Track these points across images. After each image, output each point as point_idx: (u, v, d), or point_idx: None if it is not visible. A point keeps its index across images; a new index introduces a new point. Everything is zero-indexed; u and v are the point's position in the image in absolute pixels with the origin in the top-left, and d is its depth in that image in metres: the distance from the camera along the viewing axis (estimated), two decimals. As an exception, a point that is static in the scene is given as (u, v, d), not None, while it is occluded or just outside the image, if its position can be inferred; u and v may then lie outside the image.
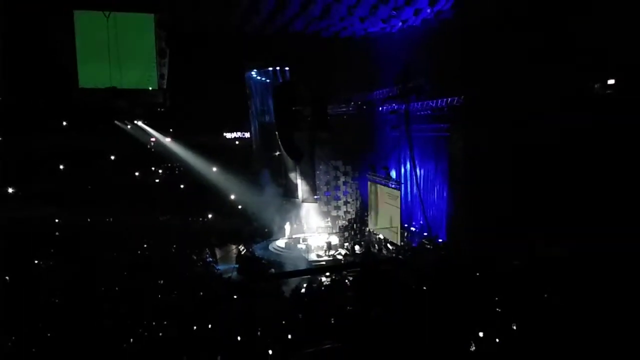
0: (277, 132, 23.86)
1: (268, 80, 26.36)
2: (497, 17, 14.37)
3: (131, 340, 9.54)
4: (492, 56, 14.47)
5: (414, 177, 20.71)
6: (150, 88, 18.29)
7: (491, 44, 14.49)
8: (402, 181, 20.80)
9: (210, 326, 10.40)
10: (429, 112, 19.14)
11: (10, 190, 28.09)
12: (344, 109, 23.78)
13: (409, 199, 21.51)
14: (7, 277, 16.33)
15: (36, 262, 18.68)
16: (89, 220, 26.27)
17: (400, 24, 18.61)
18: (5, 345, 10.17)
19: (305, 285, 15.53)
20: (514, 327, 6.64)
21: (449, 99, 17.59)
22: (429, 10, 16.54)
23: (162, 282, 16.74)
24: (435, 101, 18.43)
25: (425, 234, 19.82)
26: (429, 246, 18.59)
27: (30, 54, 21.46)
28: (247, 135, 32.69)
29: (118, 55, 17.65)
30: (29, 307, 13.30)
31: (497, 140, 14.65)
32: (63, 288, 15.42)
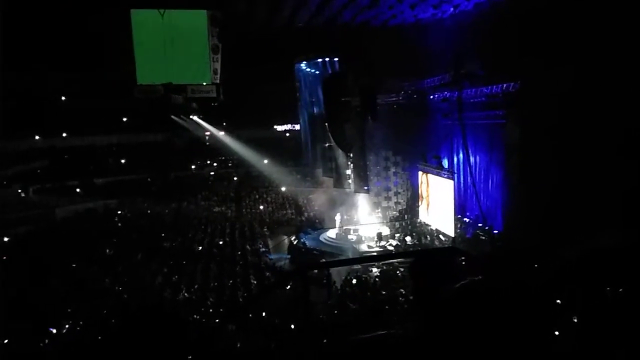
0: (326, 123, 23.93)
1: (317, 72, 26.45)
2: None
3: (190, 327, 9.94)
4: (549, 39, 13.82)
5: (468, 167, 20.19)
6: (205, 83, 18.80)
7: (548, 25, 13.83)
8: (455, 171, 20.33)
9: (264, 314, 10.67)
10: (483, 99, 18.56)
11: (73, 183, 29.75)
12: (394, 98, 23.48)
13: (462, 188, 21.02)
14: (74, 265, 17.43)
15: (100, 250, 19.70)
16: (148, 211, 27.41)
17: (451, 9, 18.11)
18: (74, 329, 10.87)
19: (355, 275, 15.61)
20: (575, 320, 6.40)
21: (504, 85, 16.97)
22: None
23: (216, 270, 17.28)
24: (489, 87, 17.85)
25: (480, 224, 19.32)
26: (483, 237, 18.12)
27: (90, 53, 22.65)
28: (297, 127, 33.07)
29: (173, 51, 18.26)
30: (96, 293, 14.13)
31: (555, 127, 14.02)
32: (128, 275, 16.28)
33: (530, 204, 15.32)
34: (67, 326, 11.19)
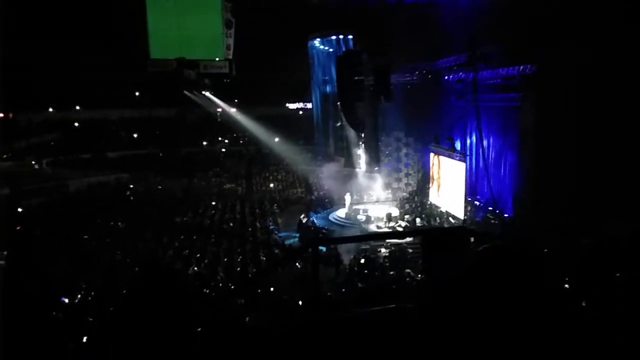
0: (339, 102, 23.76)
1: (331, 50, 26.14)
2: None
3: (200, 304, 10.09)
4: (566, 20, 13.48)
5: (481, 149, 19.99)
6: (217, 59, 18.66)
7: (565, 7, 13.48)
8: (467, 153, 20.16)
9: (272, 289, 10.79)
10: (499, 80, 18.25)
11: (86, 156, 30.02)
12: (408, 78, 23.19)
13: (474, 171, 20.86)
14: (86, 237, 17.71)
15: (112, 223, 19.97)
16: (160, 186, 27.65)
17: (469, -13, 17.71)
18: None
19: (364, 255, 15.68)
20: (583, 305, 6.38)
21: (521, 67, 16.65)
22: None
23: (227, 246, 17.45)
24: (505, 69, 17.53)
25: (490, 208, 19.22)
26: (493, 221, 18.04)
27: (104, 26, 22.59)
28: (310, 105, 32.87)
29: (186, 26, 18.11)
30: (108, 266, 14.37)
31: (572, 112, 13.78)
32: (139, 249, 16.51)
33: (543, 189, 15.19)
34: (79, 296, 11.43)
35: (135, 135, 34.34)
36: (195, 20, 18.23)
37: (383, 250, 16.88)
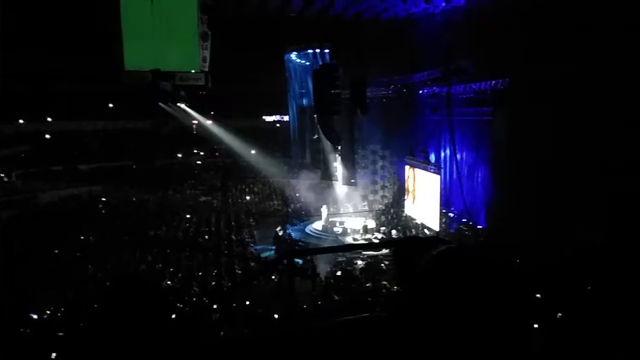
0: (316, 115, 23.87)
1: (307, 63, 26.31)
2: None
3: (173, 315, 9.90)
4: (539, 37, 13.93)
5: (454, 162, 20.34)
6: (193, 71, 18.57)
7: (537, 24, 13.94)
8: (442, 166, 20.49)
9: (248, 302, 10.68)
10: (472, 95, 18.68)
11: (57, 169, 29.34)
12: (384, 92, 23.52)
13: (448, 183, 21.18)
14: (56, 251, 17.25)
15: (84, 237, 19.51)
16: (133, 199, 27.18)
17: (443, 3, 18.14)
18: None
19: (340, 267, 15.69)
20: (559, 316, 6.50)
21: (493, 82, 17.09)
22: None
23: (202, 260, 17.22)
24: (478, 84, 17.96)
25: (464, 220, 19.52)
26: (467, 232, 18.31)
27: (77, 36, 22.26)
28: (286, 118, 32.91)
29: (162, 37, 18.00)
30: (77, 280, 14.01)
31: (542, 126, 14.17)
32: (111, 263, 16.14)
33: (514, 202, 15.50)
34: (48, 312, 11.09)
35: (108, 148, 33.73)
36: (171, 31, 18.15)
37: (359, 262, 16.93)
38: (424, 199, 20.31)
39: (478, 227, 18.55)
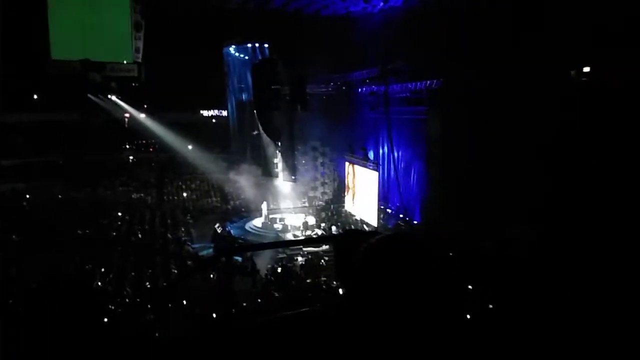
0: (255, 111, 23.62)
1: (247, 57, 25.96)
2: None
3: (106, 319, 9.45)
4: (471, 39, 14.53)
5: (392, 159, 20.85)
6: (125, 61, 17.77)
7: (471, 26, 14.53)
8: (380, 162, 20.92)
9: (185, 302, 10.40)
10: (408, 94, 19.18)
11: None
12: (324, 89, 23.64)
13: (386, 180, 21.67)
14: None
15: (6, 236, 18.20)
16: (59, 196, 25.69)
17: (381, 3, 18.49)
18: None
19: (280, 264, 15.64)
20: (490, 307, 6.83)
21: (428, 82, 17.64)
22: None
23: (135, 259, 16.59)
24: (414, 84, 18.47)
25: (401, 215, 20.07)
26: (404, 227, 18.84)
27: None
28: (225, 113, 32.31)
29: (92, 26, 17.07)
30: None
31: (474, 124, 14.81)
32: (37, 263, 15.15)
33: (447, 197, 16.13)
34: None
35: (33, 142, 31.54)
36: (101, 19, 17.25)
37: (300, 258, 16.96)
38: (363, 195, 20.66)
39: (414, 222, 19.14)
